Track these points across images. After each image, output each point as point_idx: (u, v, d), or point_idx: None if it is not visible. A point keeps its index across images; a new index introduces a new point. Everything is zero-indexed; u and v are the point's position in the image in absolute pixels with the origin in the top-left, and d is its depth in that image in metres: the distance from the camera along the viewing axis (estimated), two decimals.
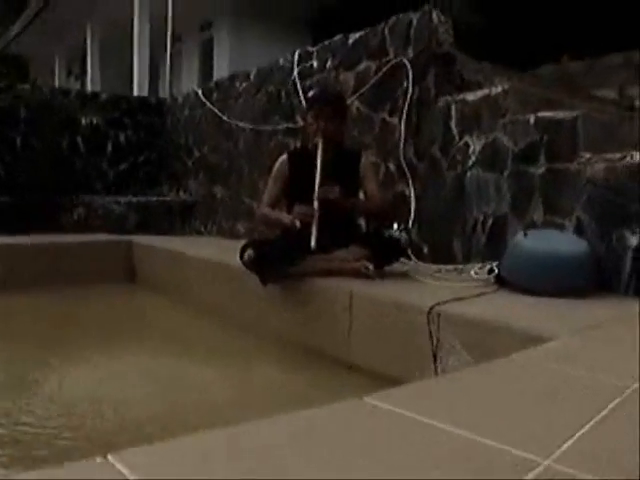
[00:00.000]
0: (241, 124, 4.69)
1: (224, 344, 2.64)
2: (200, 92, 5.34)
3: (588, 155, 2.46)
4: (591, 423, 0.91)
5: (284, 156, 2.79)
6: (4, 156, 5.03)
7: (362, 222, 3.00)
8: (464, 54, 3.32)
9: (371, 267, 2.45)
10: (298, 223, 2.43)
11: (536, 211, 2.64)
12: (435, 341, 1.93)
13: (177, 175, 5.75)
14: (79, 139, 5.43)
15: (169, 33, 6.59)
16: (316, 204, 2.44)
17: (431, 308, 1.96)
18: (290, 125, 4.16)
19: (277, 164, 2.78)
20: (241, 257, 2.51)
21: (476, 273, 2.47)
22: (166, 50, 8.84)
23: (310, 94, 3.39)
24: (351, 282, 2.39)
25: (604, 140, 2.52)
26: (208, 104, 5.14)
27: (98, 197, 4.92)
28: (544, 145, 2.59)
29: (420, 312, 1.99)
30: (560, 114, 2.59)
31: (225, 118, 4.90)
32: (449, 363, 1.84)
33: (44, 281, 3.78)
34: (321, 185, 2.50)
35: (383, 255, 2.53)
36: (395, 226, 2.53)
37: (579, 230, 2.45)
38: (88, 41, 11.02)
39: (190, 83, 10.38)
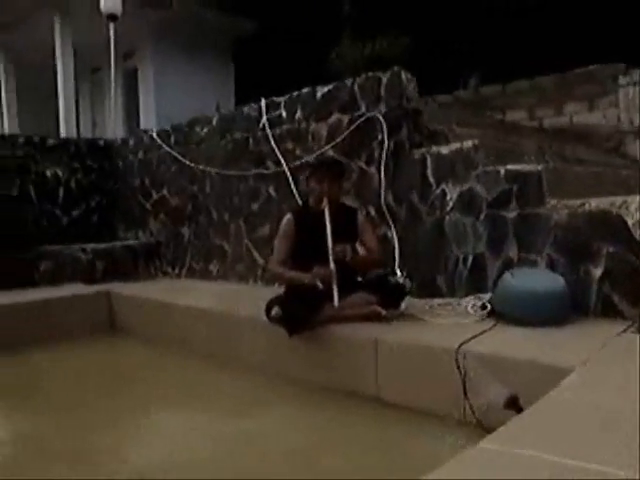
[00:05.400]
0: (207, 168, 4.85)
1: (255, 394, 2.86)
2: (156, 135, 5.43)
3: (554, 202, 2.93)
4: None
5: (289, 216, 3.02)
6: None
7: None
8: None
9: (384, 312, 2.77)
10: (320, 284, 2.69)
11: (511, 250, 3.08)
12: (464, 377, 2.28)
13: (134, 217, 5.77)
14: (30, 187, 5.34)
15: (113, 72, 6.58)
16: (333, 265, 2.72)
17: (458, 347, 2.32)
18: (262, 171, 4.40)
19: (283, 223, 3.00)
20: (267, 314, 2.73)
21: (472, 308, 2.87)
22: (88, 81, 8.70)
23: (311, 162, 3.69)
24: (372, 328, 2.70)
25: (564, 188, 3.01)
26: (167, 148, 5.25)
27: (63, 247, 4.87)
28: (515, 194, 3.04)
29: (446, 352, 2.34)
30: (527, 167, 3.06)
31: (187, 162, 5.04)
32: (485, 395, 2.20)
33: (29, 339, 3.79)
34: (333, 244, 2.77)
35: (390, 299, 2.86)
36: (399, 273, 2.86)
37: (551, 265, 2.91)
38: (1, 71, 10.56)
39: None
